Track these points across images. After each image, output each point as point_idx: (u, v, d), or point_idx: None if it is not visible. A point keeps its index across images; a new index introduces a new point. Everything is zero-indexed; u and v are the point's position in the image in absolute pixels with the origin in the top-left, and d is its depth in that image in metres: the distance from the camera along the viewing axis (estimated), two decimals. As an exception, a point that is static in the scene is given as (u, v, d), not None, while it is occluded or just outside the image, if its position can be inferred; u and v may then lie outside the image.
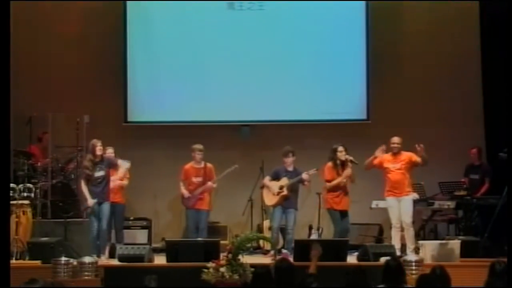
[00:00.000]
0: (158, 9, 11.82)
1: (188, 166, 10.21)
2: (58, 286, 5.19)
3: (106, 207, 9.43)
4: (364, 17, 11.68)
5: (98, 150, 9.39)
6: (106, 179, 9.47)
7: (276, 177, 10.13)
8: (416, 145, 9.59)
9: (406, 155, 9.78)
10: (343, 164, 9.99)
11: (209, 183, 10.11)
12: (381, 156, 9.85)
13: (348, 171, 9.96)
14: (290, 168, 10.13)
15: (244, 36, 11.74)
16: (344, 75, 11.71)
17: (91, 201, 9.28)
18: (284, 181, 10.03)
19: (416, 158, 9.68)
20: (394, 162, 9.77)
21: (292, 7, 11.71)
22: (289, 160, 10.10)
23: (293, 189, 10.07)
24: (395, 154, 9.80)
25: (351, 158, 9.98)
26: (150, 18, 11.85)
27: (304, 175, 10.00)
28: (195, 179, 10.13)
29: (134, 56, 11.73)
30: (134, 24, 11.77)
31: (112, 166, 9.61)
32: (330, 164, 10.01)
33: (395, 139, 9.82)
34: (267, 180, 10.23)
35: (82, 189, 9.38)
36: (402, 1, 11.88)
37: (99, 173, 9.44)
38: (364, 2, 11.71)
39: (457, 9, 11.83)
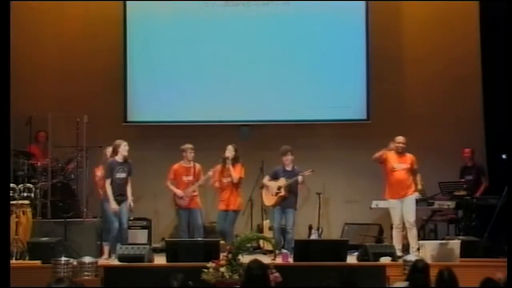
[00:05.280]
0: (158, 9, 11.81)
1: (177, 165, 10.21)
2: (81, 286, 5.17)
3: (125, 207, 9.60)
4: (364, 17, 11.68)
5: (124, 151, 9.53)
6: (127, 180, 9.64)
7: (275, 177, 10.18)
8: None
9: (410, 158, 9.76)
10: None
11: (209, 173, 10.10)
12: (386, 153, 9.81)
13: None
14: (289, 168, 10.15)
15: (244, 36, 11.75)
16: (344, 75, 11.71)
17: (115, 206, 9.43)
18: (282, 181, 10.05)
19: (415, 166, 9.69)
20: (399, 162, 9.74)
21: (292, 7, 11.71)
22: (288, 159, 10.12)
23: (292, 189, 10.07)
24: (400, 153, 9.77)
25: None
26: (150, 18, 11.86)
27: (300, 178, 10.02)
28: (186, 178, 10.14)
29: (133, 56, 11.74)
30: (134, 24, 11.78)
31: (132, 170, 9.74)
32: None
33: (400, 139, 9.78)
34: (266, 180, 10.28)
35: (108, 191, 9.48)
36: (402, 1, 11.88)
37: (121, 175, 9.55)
38: (364, 2, 11.71)
39: (457, 9, 11.83)
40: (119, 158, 9.58)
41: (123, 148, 9.58)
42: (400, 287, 5.81)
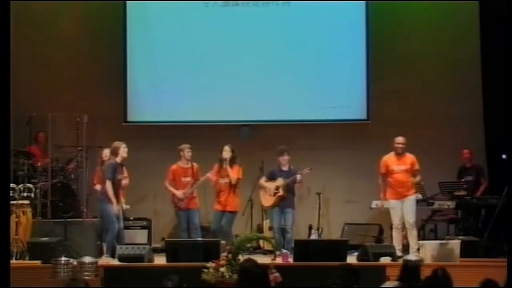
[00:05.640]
0: (158, 9, 11.81)
1: (175, 166, 10.21)
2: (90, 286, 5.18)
3: (121, 208, 9.61)
4: (364, 17, 11.68)
5: (124, 152, 9.52)
6: (122, 180, 9.64)
7: (272, 178, 10.17)
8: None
9: (410, 159, 9.76)
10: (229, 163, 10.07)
11: (208, 175, 10.11)
12: (386, 159, 9.82)
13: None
14: (285, 168, 10.16)
15: (244, 36, 11.75)
16: (344, 75, 11.70)
17: (117, 208, 9.39)
18: (280, 181, 10.05)
19: (416, 167, 9.69)
20: (399, 164, 9.75)
21: (292, 7, 11.71)
22: (284, 159, 10.12)
23: (289, 189, 10.08)
24: (399, 154, 9.77)
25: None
26: (150, 18, 11.86)
27: (298, 176, 10.01)
28: (184, 179, 10.14)
29: (134, 56, 11.73)
30: (134, 24, 11.77)
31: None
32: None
33: (400, 139, 9.78)
34: (263, 181, 10.26)
35: (110, 193, 9.42)
36: (402, 1, 11.88)
37: (120, 175, 9.57)
38: (364, 2, 11.71)
39: (457, 9, 11.83)
40: (118, 159, 9.58)
41: (123, 150, 9.57)
42: (389, 287, 5.81)
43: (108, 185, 9.46)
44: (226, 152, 10.08)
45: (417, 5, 11.85)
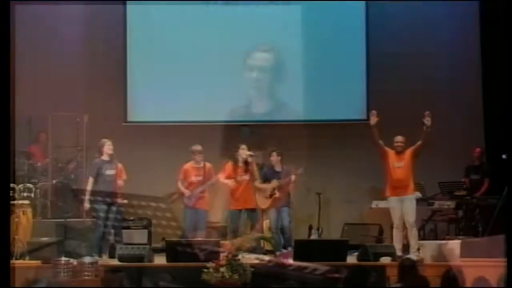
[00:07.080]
0: (158, 10, 11.83)
1: (187, 165, 10.20)
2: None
3: (114, 208, 9.57)
4: (364, 17, 11.69)
5: (109, 149, 9.46)
6: (115, 178, 9.56)
7: (266, 179, 10.11)
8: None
9: (408, 154, 9.77)
10: (245, 162, 10.01)
11: (217, 176, 10.11)
12: (388, 151, 9.81)
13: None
14: (278, 169, 10.10)
15: (244, 36, 11.76)
16: (344, 75, 11.73)
17: (87, 205, 9.35)
18: (275, 183, 10.00)
19: (416, 146, 9.64)
20: (398, 161, 9.74)
21: (292, 8, 11.72)
22: (274, 159, 10.08)
23: (284, 189, 10.05)
24: (399, 153, 9.79)
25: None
26: (150, 19, 11.88)
27: (293, 177, 9.97)
28: (195, 178, 10.13)
29: (134, 56, 11.75)
30: (134, 24, 11.79)
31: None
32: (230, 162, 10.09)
33: (399, 138, 9.79)
34: (257, 183, 10.16)
35: (87, 190, 9.39)
36: (402, 1, 11.88)
37: (111, 171, 9.50)
38: (364, 2, 11.72)
39: (457, 9, 11.83)
40: (105, 157, 9.55)
41: (107, 147, 9.55)
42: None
43: (89, 183, 9.43)
44: (244, 151, 10.04)
45: (417, 5, 11.85)
